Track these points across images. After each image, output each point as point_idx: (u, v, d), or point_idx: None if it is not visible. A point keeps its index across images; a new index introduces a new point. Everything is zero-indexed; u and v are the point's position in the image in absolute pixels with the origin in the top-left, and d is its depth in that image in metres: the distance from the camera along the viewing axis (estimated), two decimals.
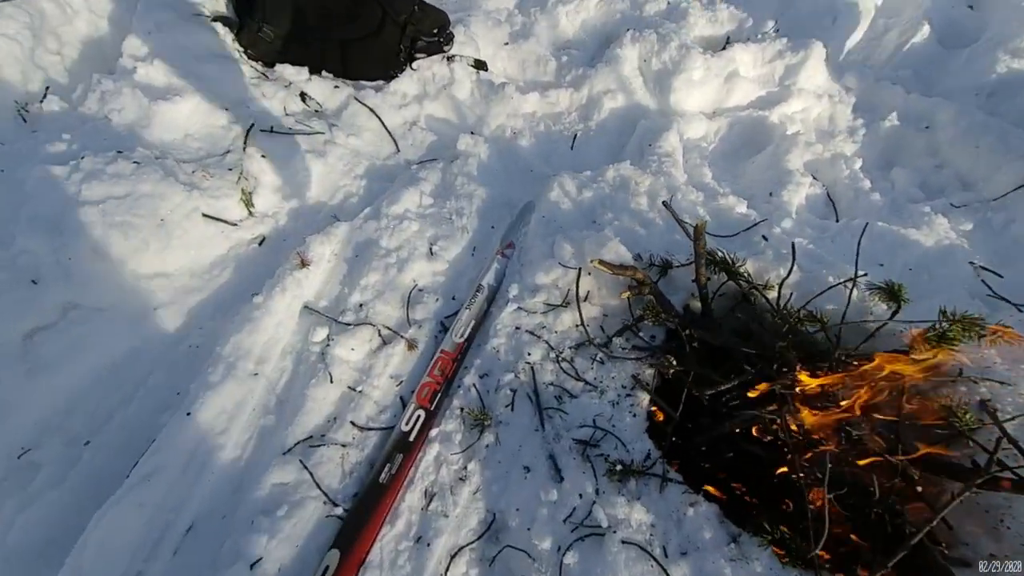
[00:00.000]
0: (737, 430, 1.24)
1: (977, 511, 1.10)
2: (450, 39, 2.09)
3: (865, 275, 1.35)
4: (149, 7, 1.81)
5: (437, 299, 1.57)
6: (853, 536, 1.07)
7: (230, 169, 1.57)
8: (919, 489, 1.13)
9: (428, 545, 1.11)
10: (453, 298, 1.59)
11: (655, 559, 1.03)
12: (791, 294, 1.46)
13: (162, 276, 1.43)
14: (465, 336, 1.47)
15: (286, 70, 1.95)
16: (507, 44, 2.33)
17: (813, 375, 1.21)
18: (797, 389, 1.18)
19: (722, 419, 1.25)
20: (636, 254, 1.57)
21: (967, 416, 1.20)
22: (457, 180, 1.86)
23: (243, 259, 1.56)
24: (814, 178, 2.04)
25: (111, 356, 1.32)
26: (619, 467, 1.19)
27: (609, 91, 2.20)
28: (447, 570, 1.09)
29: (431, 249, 1.66)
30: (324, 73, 2.02)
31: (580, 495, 1.14)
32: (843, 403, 1.15)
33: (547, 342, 1.44)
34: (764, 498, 1.21)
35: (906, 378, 1.24)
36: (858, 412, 1.20)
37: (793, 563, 0.99)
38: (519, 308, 1.50)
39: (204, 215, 1.48)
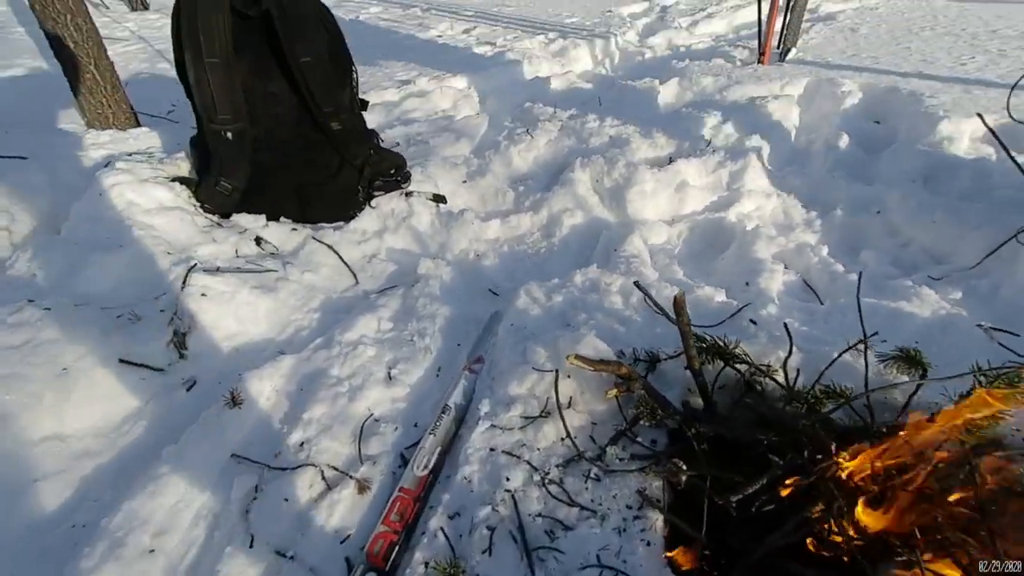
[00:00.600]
0: (783, 545, 0.95)
1: None
2: (407, 178, 2.18)
3: (876, 334, 1.20)
4: (107, 173, 1.85)
5: (396, 428, 1.33)
6: None
7: (162, 310, 1.44)
8: None
9: None
10: (415, 425, 1.35)
11: None
12: (797, 373, 1.28)
13: (54, 439, 1.19)
14: (430, 467, 1.21)
15: (242, 218, 1.95)
16: (465, 182, 2.44)
17: (853, 456, 0.98)
18: (841, 474, 0.93)
19: (760, 530, 0.96)
20: (618, 350, 1.40)
21: None
22: (419, 302, 1.75)
23: (165, 409, 1.33)
24: (786, 267, 1.99)
25: None
26: None
27: (567, 209, 2.25)
28: None
29: (389, 374, 1.47)
30: (282, 219, 2.03)
31: None
32: (906, 482, 0.90)
33: (529, 462, 1.18)
34: None
35: (969, 448, 1.02)
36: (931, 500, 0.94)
37: None
38: (492, 426, 1.27)
39: (121, 360, 1.29)
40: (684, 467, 1.11)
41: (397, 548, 1.06)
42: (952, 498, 0.94)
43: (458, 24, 5.40)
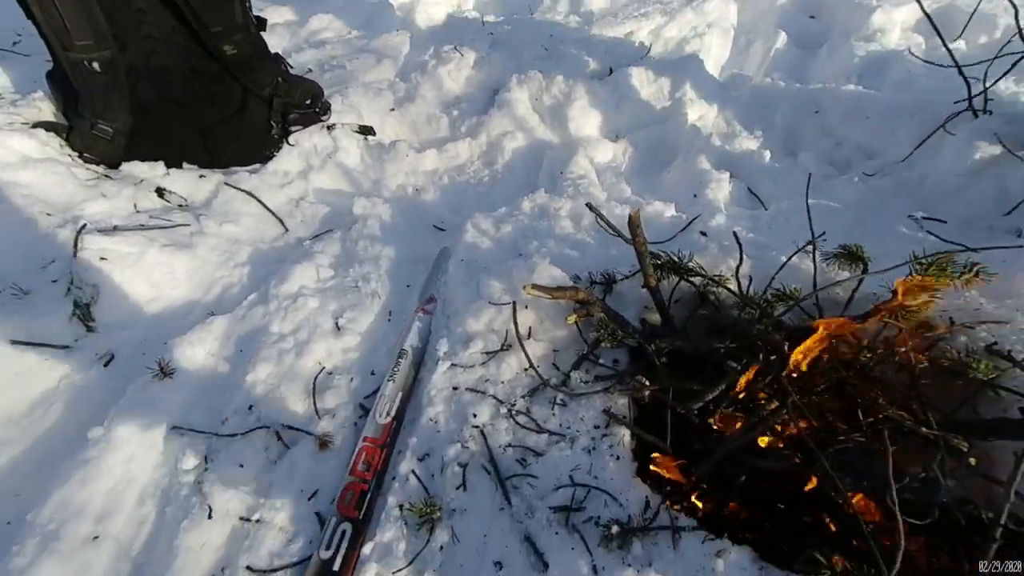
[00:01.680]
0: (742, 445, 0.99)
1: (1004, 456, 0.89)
2: (326, 108, 1.95)
3: (823, 234, 1.21)
4: None
5: (351, 379, 1.26)
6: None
7: (54, 281, 1.25)
8: (972, 462, 0.91)
9: None
10: (372, 373, 1.29)
11: None
12: (750, 281, 1.30)
13: None
14: (392, 414, 1.16)
15: (135, 167, 1.69)
16: (393, 110, 2.23)
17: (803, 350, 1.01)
18: (794, 373, 0.96)
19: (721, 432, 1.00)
20: (574, 275, 1.37)
21: (982, 365, 1.03)
22: (359, 245, 1.62)
23: (81, 389, 1.19)
24: (731, 175, 1.99)
25: None
26: (615, 529, 0.89)
27: (508, 132, 2.12)
28: None
29: (337, 323, 1.38)
30: (186, 165, 1.78)
31: None
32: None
33: (494, 396, 1.16)
34: (798, 523, 0.94)
35: (902, 333, 1.08)
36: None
37: None
38: (453, 365, 1.23)
39: (14, 342, 1.12)
40: (647, 382, 1.12)
41: (369, 496, 1.03)
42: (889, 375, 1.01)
43: None
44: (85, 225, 1.36)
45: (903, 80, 2.17)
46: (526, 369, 1.20)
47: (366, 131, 2.02)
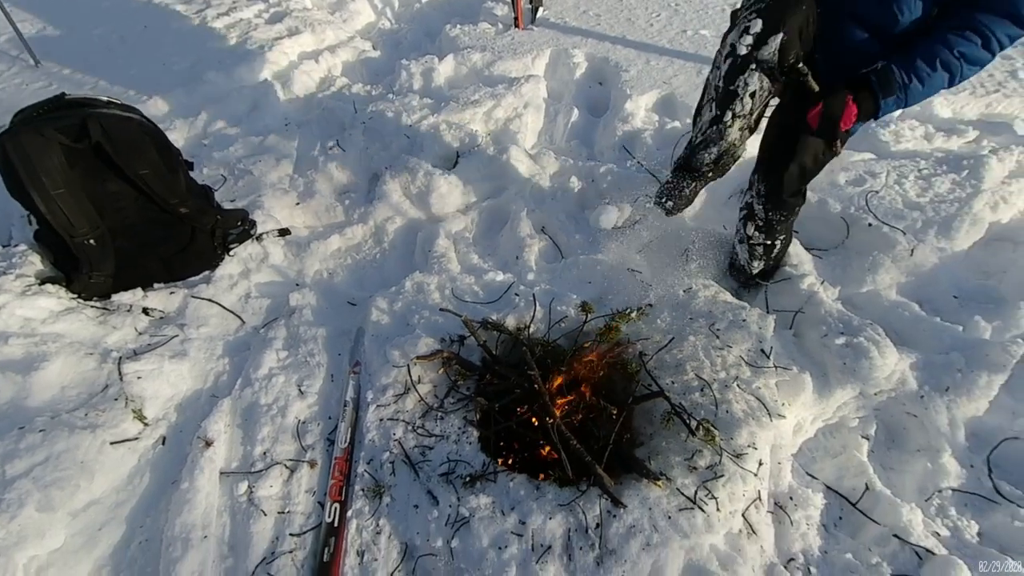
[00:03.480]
0: (519, 425, 2.08)
1: (642, 413, 2.08)
2: (253, 224, 2.68)
3: (590, 282, 2.31)
4: None
5: (319, 423, 2.17)
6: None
7: (116, 399, 2.00)
8: (613, 414, 2.06)
9: None
10: (329, 418, 2.21)
11: (498, 519, 1.81)
12: (549, 327, 2.36)
13: (94, 504, 1.83)
14: (348, 441, 2.11)
15: (122, 297, 2.37)
16: (298, 204, 2.98)
17: (556, 375, 2.11)
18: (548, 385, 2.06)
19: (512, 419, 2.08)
20: (441, 338, 2.35)
21: (634, 366, 2.19)
22: (300, 329, 2.46)
23: (153, 460, 2.00)
24: (543, 231, 3.04)
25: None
26: (468, 478, 1.94)
27: (389, 217, 2.98)
28: None
29: (300, 390, 2.26)
30: (156, 285, 2.47)
31: (450, 505, 1.87)
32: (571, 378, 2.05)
33: (404, 420, 2.14)
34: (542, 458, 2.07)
35: (602, 359, 2.21)
36: (584, 390, 2.12)
37: (562, 483, 1.85)
38: (378, 406, 2.18)
39: (112, 443, 1.90)
40: (483, 400, 2.17)
41: (345, 488, 1.99)
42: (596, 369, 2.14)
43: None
44: (120, 358, 2.08)
45: (649, 152, 3.32)
46: (419, 401, 2.19)
47: (284, 233, 2.78)
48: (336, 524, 1.88)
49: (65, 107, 1.99)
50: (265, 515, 1.88)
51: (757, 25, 1.68)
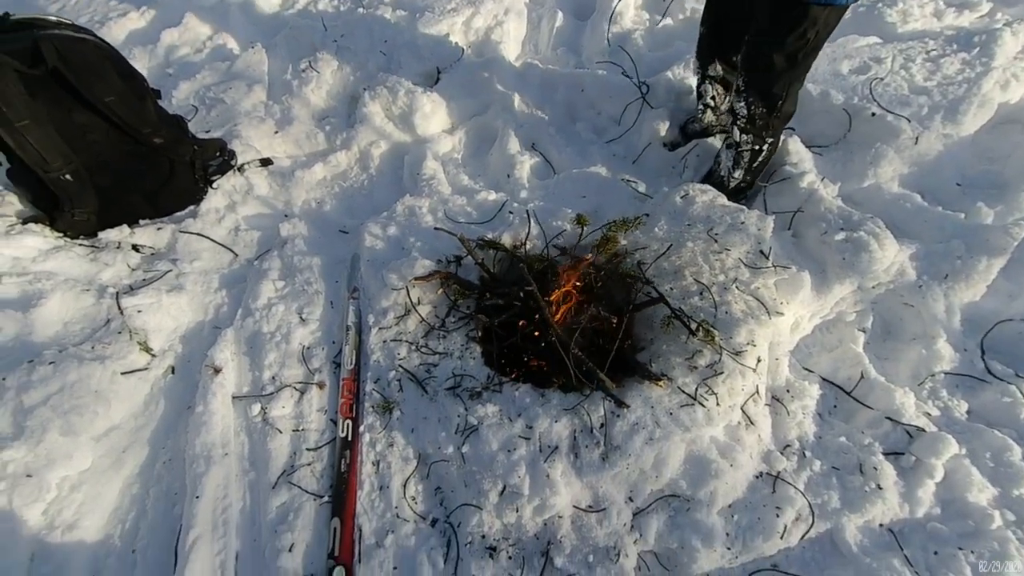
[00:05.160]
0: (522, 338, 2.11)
1: (643, 320, 2.10)
2: (232, 155, 2.57)
3: (584, 196, 2.27)
4: None
5: (323, 348, 2.20)
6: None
7: (119, 332, 2.00)
8: (614, 323, 2.09)
9: (388, 487, 1.84)
10: (333, 342, 2.23)
11: (506, 425, 1.87)
12: (547, 243, 2.33)
13: (115, 429, 1.88)
14: (354, 363, 2.15)
15: (109, 234, 2.31)
16: (277, 133, 2.85)
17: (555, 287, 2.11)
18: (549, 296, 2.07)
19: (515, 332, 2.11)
20: (437, 259, 2.33)
21: (633, 274, 2.19)
22: (294, 259, 2.44)
23: (166, 389, 2.04)
24: (534, 148, 2.94)
25: (111, 499, 1.79)
26: (476, 390, 1.99)
27: (373, 141, 2.87)
28: (404, 495, 1.82)
29: (301, 317, 2.26)
30: (142, 222, 2.41)
31: (459, 415, 1.93)
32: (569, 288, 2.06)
33: (407, 341, 2.16)
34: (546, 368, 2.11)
35: (601, 266, 2.20)
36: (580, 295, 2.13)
37: (566, 390, 1.90)
38: (380, 328, 2.20)
39: (122, 373, 1.93)
40: (484, 317, 2.18)
41: (355, 405, 2.05)
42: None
43: None
44: (117, 293, 2.06)
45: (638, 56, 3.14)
46: (421, 322, 2.21)
47: (266, 163, 2.68)
48: (350, 438, 1.95)
49: (12, 28, 1.84)
50: (281, 433, 1.94)
51: None
